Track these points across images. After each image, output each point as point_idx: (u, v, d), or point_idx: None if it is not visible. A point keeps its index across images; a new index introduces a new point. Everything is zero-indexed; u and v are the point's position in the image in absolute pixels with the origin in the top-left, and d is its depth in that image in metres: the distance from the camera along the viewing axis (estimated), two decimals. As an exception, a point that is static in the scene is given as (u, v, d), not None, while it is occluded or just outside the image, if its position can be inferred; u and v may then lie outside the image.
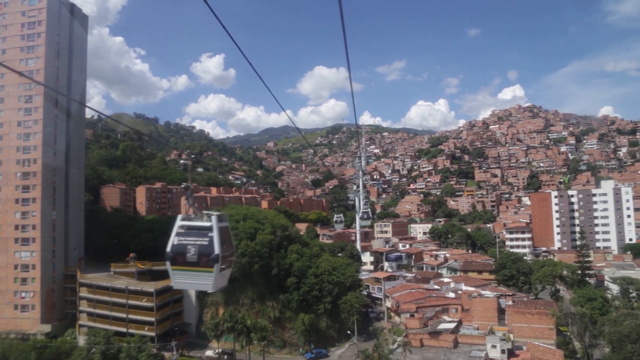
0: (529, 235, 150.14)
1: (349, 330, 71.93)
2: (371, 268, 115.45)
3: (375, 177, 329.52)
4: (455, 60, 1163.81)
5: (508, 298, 72.65)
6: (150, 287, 73.41)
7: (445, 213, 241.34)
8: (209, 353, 69.99)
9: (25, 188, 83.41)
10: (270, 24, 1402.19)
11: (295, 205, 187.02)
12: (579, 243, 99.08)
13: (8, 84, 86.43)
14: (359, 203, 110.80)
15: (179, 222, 9.69)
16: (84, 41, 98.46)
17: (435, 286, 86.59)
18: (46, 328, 79.35)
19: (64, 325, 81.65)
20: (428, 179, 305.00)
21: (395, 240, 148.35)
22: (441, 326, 64.94)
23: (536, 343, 54.18)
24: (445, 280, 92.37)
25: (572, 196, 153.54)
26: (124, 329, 72.56)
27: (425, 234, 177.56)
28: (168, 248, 9.46)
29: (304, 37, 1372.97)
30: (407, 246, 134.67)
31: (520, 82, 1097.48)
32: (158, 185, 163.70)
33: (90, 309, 77.10)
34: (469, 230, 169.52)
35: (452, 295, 78.20)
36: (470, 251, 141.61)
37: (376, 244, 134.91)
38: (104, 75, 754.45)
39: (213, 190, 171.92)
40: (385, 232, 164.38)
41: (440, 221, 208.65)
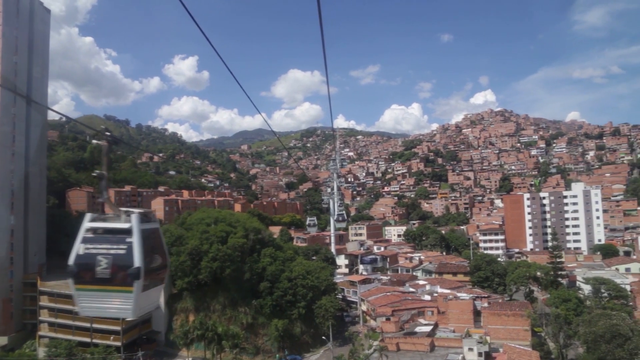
0: (502, 236, 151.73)
1: (324, 336, 70.18)
2: (346, 271, 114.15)
3: (349, 180, 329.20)
4: (429, 65, 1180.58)
5: (483, 300, 72.60)
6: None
7: (419, 215, 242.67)
8: (179, 362, 67.18)
9: (-21, 192, 78.54)
10: (243, 27, 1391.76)
11: (269, 208, 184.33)
12: (551, 244, 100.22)
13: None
14: (334, 206, 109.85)
15: (86, 224, 7.22)
16: (46, 37, 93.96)
17: (411, 289, 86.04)
18: (2, 340, 75.19)
19: (22, 337, 77.32)
20: (402, 182, 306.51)
21: (370, 242, 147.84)
22: (417, 329, 64.15)
23: (512, 345, 53.94)
24: (421, 282, 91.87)
25: (544, 198, 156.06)
26: (88, 339, 69.08)
27: (399, 236, 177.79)
28: (70, 260, 7.04)
29: (279, 40, 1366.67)
30: (382, 249, 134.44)
31: (491, 87, 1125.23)
32: (128, 188, 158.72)
33: (51, 319, 73.21)
34: (443, 232, 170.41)
35: (428, 297, 77.78)
36: (444, 253, 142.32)
37: (351, 247, 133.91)
38: (73, 76, 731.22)
39: (185, 193, 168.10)
40: (360, 235, 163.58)
41: (414, 223, 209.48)
